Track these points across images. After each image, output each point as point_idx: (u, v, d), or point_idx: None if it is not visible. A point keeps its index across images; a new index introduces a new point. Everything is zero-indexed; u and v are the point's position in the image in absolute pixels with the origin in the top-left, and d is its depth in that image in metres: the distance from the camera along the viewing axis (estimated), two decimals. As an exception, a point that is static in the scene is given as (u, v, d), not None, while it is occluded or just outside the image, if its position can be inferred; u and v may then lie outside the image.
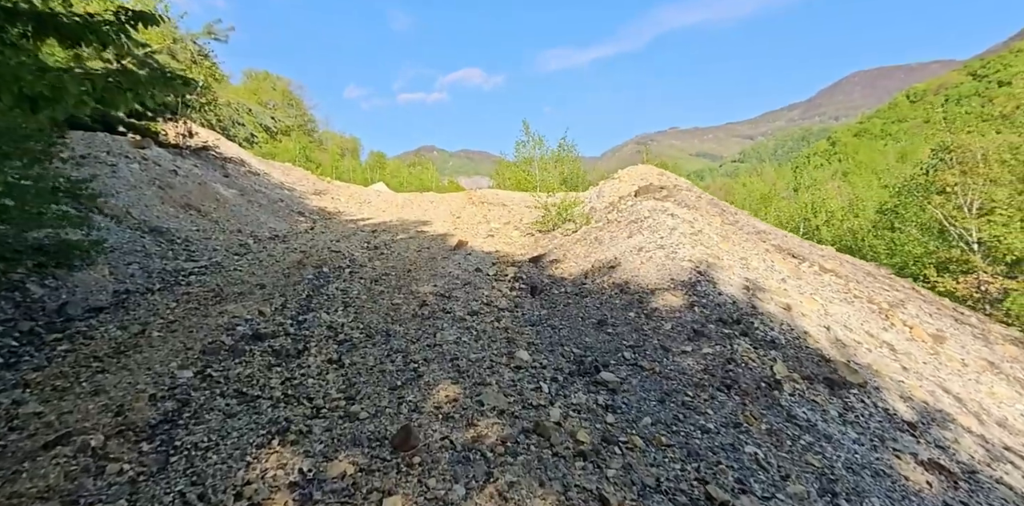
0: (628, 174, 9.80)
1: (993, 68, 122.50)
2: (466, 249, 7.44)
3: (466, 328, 3.86)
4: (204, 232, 7.45)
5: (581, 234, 6.16)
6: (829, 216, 16.28)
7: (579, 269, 4.96)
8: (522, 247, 7.54)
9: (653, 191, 6.13)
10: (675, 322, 3.49)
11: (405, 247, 7.77)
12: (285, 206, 11.17)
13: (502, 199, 16.18)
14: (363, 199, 15.26)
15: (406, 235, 9.10)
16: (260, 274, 5.77)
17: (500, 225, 10.30)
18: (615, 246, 5.14)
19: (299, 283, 5.37)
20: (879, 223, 16.16)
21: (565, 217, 8.72)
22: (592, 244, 5.52)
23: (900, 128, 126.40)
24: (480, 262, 6.46)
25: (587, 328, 3.60)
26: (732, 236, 5.06)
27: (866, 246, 16.21)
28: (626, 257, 4.76)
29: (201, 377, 2.91)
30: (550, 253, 5.91)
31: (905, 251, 13.17)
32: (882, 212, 15.65)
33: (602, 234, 5.65)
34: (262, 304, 4.47)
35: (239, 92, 42.15)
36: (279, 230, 9.18)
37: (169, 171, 8.44)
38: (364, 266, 6.45)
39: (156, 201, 7.48)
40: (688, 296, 3.83)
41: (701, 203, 5.90)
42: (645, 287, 4.12)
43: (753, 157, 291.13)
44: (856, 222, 15.82)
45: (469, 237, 8.65)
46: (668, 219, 5.24)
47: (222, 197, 9.21)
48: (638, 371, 2.87)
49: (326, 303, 4.68)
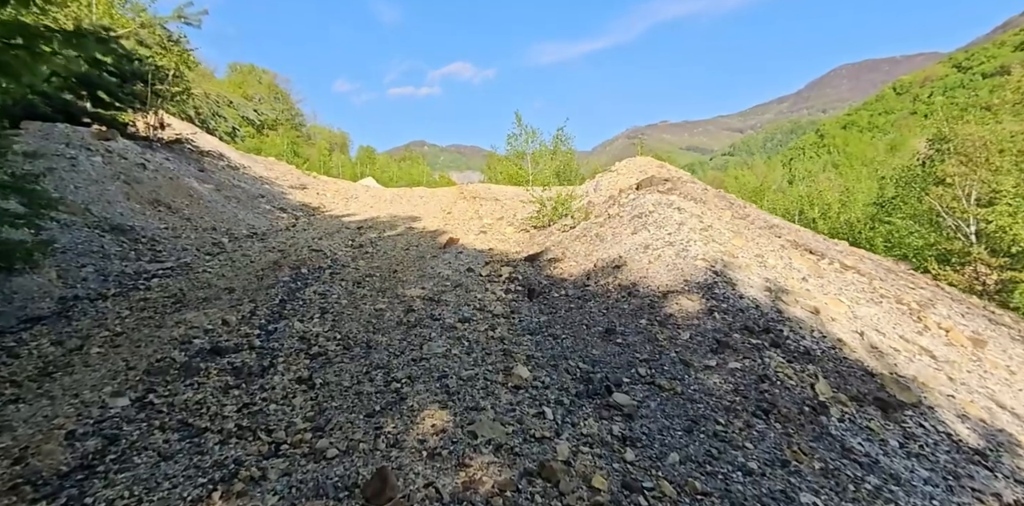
0: (626, 167, 9.39)
1: (977, 60, 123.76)
2: (457, 247, 6.98)
3: (457, 338, 3.41)
4: (173, 230, 6.91)
5: (580, 230, 5.73)
6: (826, 208, 16.03)
7: (580, 269, 4.54)
8: (517, 244, 7.10)
9: (656, 183, 5.71)
10: (694, 331, 3.07)
11: (392, 245, 7.29)
12: (266, 202, 10.60)
13: (494, 194, 15.70)
14: (350, 194, 14.69)
15: (394, 232, 8.61)
16: (231, 276, 5.27)
17: (493, 221, 9.84)
18: (619, 244, 4.71)
19: (273, 286, 4.88)
20: (876, 215, 15.94)
21: (561, 212, 8.28)
22: (593, 241, 5.09)
23: (887, 120, 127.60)
24: (472, 261, 6.00)
25: (593, 338, 3.17)
26: (744, 231, 4.66)
27: (863, 239, 16.01)
28: (632, 256, 4.34)
29: (139, 405, 2.44)
30: (548, 251, 5.47)
31: (906, 243, 12.95)
32: (879, 204, 15.42)
33: (603, 230, 5.22)
34: (228, 312, 3.98)
35: (224, 85, 41.09)
36: (258, 227, 8.64)
37: (136, 165, 7.85)
38: (347, 266, 5.97)
39: (120, 197, 6.91)
40: (705, 300, 3.41)
41: (708, 196, 5.50)
42: (656, 290, 3.70)
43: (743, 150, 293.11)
44: (853, 214, 15.59)
45: (460, 234, 8.18)
46: (675, 213, 4.82)
47: (196, 192, 8.64)
48: (656, 391, 2.46)
49: (301, 309, 4.21)
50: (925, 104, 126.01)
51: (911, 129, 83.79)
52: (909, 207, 14.43)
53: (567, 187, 9.78)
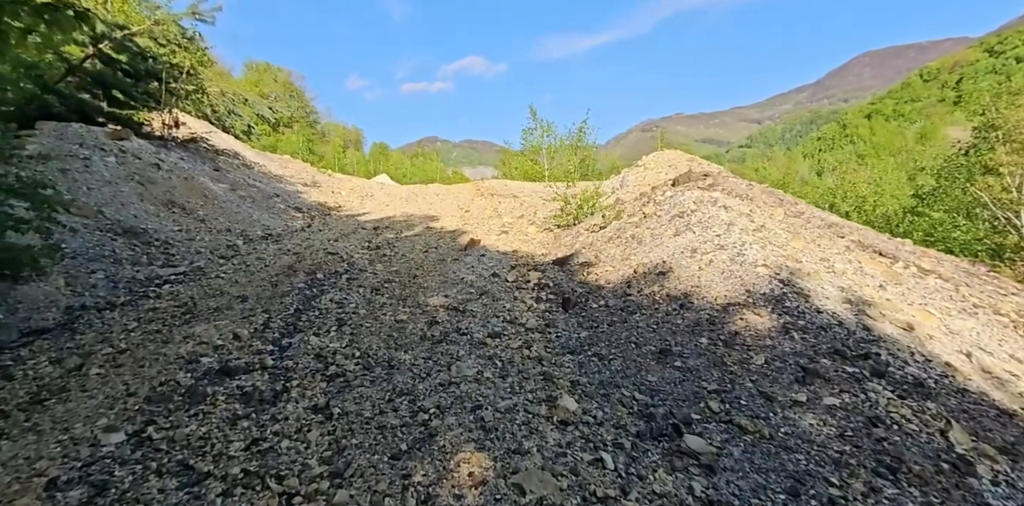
0: (654, 161, 8.91)
1: (1011, 44, 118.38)
2: (479, 248, 6.64)
3: (488, 358, 3.06)
4: (187, 232, 6.70)
5: (613, 231, 5.32)
6: (860, 201, 15.25)
7: (619, 275, 4.15)
8: (542, 245, 6.72)
9: (695, 179, 5.28)
10: (769, 354, 2.67)
11: (410, 247, 6.98)
12: (281, 201, 10.40)
13: (512, 190, 15.31)
14: (365, 192, 14.47)
15: (411, 232, 8.30)
16: (244, 283, 5.01)
17: (513, 219, 9.47)
18: (660, 247, 4.30)
19: (288, 294, 4.60)
20: (915, 208, 15.12)
21: (587, 210, 7.86)
22: (629, 244, 4.69)
23: (913, 108, 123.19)
24: (497, 265, 5.65)
25: (646, 360, 2.79)
26: (802, 231, 4.21)
27: (900, 233, 15.23)
28: (677, 261, 3.93)
29: (136, 442, 2.14)
30: (578, 254, 5.09)
31: (952, 238, 12.20)
32: (919, 196, 14.60)
33: (640, 231, 4.81)
34: (240, 324, 3.70)
35: (240, 84, 41.36)
36: (273, 228, 8.42)
37: (151, 165, 7.67)
38: (364, 271, 5.67)
39: (134, 198, 6.72)
40: (777, 315, 3.00)
41: (755, 192, 5.04)
42: (712, 301, 3.30)
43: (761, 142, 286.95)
44: (890, 207, 14.79)
45: (481, 234, 7.83)
46: (721, 212, 4.39)
47: (211, 192, 8.45)
48: (737, 434, 2.07)
49: (317, 321, 3.91)
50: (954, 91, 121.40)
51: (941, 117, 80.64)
52: (951, 199, 13.63)
53: (591, 183, 9.33)
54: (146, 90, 8.56)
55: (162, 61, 8.52)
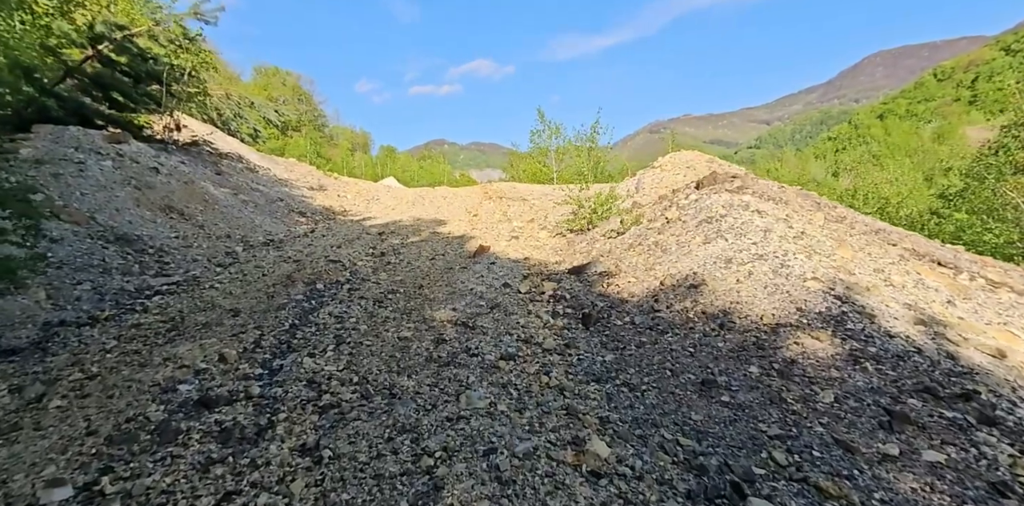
0: (671, 162, 8.51)
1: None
2: (488, 255, 6.28)
3: (502, 385, 2.69)
4: (184, 239, 6.42)
5: (633, 237, 4.94)
6: (882, 203, 14.68)
7: (643, 288, 3.77)
8: (555, 252, 6.34)
9: (722, 181, 4.88)
10: (839, 389, 2.26)
11: (416, 254, 6.64)
12: (284, 206, 10.13)
13: (521, 193, 14.96)
14: (371, 196, 14.19)
15: (418, 238, 7.97)
16: (239, 294, 4.69)
17: (523, 224, 9.11)
18: (688, 256, 3.91)
19: (283, 307, 4.27)
20: (940, 209, 14.53)
21: (602, 214, 7.48)
22: (653, 252, 4.30)
23: (927, 108, 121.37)
24: (508, 273, 5.29)
25: (687, 393, 2.39)
26: (848, 238, 3.79)
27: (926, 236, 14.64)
28: (710, 272, 3.54)
29: (85, 498, 1.80)
30: (596, 262, 4.71)
31: (983, 241, 11.64)
32: (946, 197, 14.02)
33: (664, 238, 4.43)
34: (228, 342, 3.37)
35: (249, 88, 41.59)
36: (275, 234, 8.13)
37: (149, 169, 7.42)
38: (367, 280, 5.34)
39: (129, 204, 6.46)
40: (840, 340, 2.59)
41: (789, 195, 4.63)
42: (758, 321, 2.90)
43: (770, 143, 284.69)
44: (915, 208, 14.23)
45: (490, 240, 7.48)
46: (755, 217, 4.00)
47: (212, 197, 8.18)
48: (817, 499, 1.67)
49: (313, 338, 3.56)
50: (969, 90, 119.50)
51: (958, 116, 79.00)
52: (981, 200, 13.06)
53: (605, 185, 8.94)
54: (146, 92, 8.33)
55: (163, 62, 8.30)
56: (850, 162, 21.51)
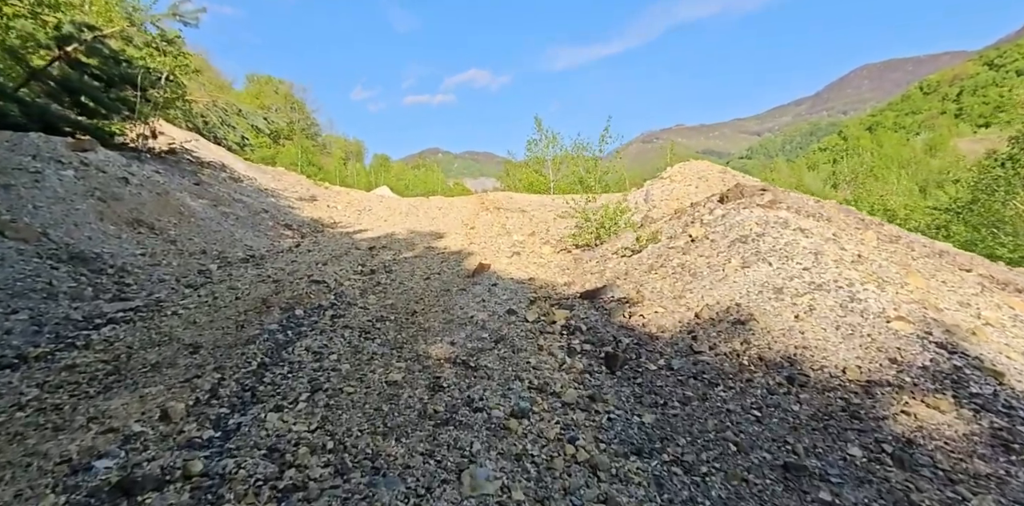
0: (681, 172, 8.04)
1: (1011, 57, 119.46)
2: (489, 274, 5.71)
3: (515, 458, 2.11)
4: (152, 256, 5.79)
5: (652, 257, 4.41)
6: (888, 215, 14.35)
7: (674, 320, 3.22)
8: (562, 271, 5.79)
9: (750, 194, 4.38)
10: (1001, 497, 1.68)
11: (410, 272, 6.06)
12: (269, 217, 9.51)
13: (518, 203, 14.47)
14: (363, 206, 13.62)
15: (411, 253, 7.40)
16: (204, 322, 4.07)
17: (524, 237, 8.57)
18: (725, 282, 3.38)
19: (253, 340, 3.66)
20: (948, 222, 14.21)
21: (611, 229, 6.95)
22: (679, 276, 3.77)
23: (915, 120, 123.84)
24: (512, 297, 4.72)
25: (765, 481, 1.81)
26: (912, 263, 3.28)
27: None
28: (758, 304, 3.00)
29: None
30: (612, 286, 4.16)
31: (996, 256, 11.27)
32: (953, 210, 13.71)
33: (691, 260, 3.90)
34: (177, 391, 2.76)
35: (241, 96, 41.14)
36: (256, 248, 7.52)
37: (117, 179, 6.81)
38: (353, 304, 4.74)
39: (91, 217, 5.83)
40: (970, 412, 1.97)
41: (829, 210, 4.13)
42: (838, 374, 2.34)
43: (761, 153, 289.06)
44: (923, 221, 13.90)
45: (490, 256, 6.92)
46: (799, 237, 3.48)
47: (188, 209, 7.57)
48: None
49: (284, 384, 2.96)
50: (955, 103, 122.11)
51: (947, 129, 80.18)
52: (991, 212, 12.75)
53: (611, 195, 8.44)
54: (119, 97, 7.75)
55: (138, 66, 7.73)
56: (849, 173, 21.31)
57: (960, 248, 13.71)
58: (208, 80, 47.60)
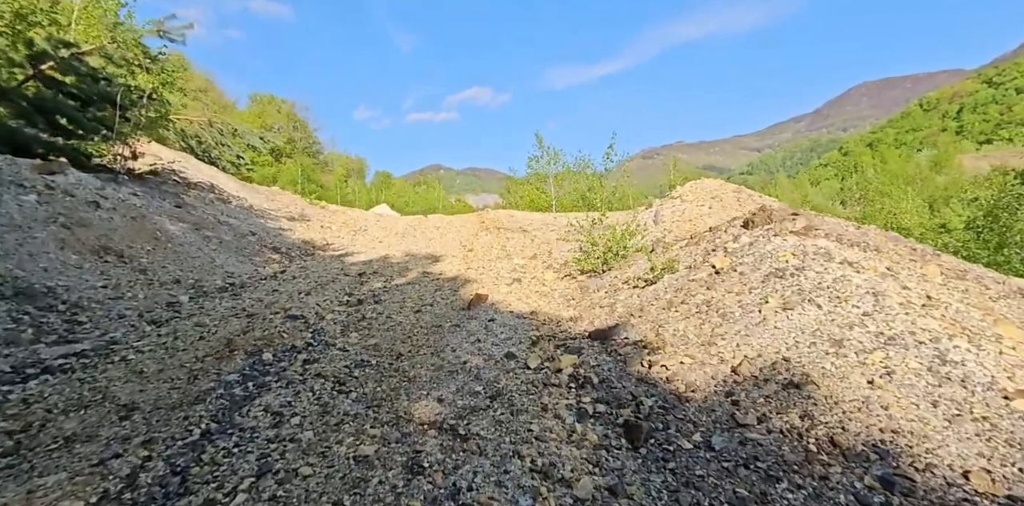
0: (692, 192, 7.53)
1: (1010, 75, 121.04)
2: (486, 306, 5.14)
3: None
4: (115, 288, 5.25)
5: (670, 291, 3.85)
6: (903, 234, 13.78)
7: (706, 376, 2.63)
8: (566, 302, 5.22)
9: (780, 219, 3.83)
10: None
11: (400, 303, 5.51)
12: (257, 241, 9.02)
13: (519, 222, 13.97)
14: (359, 226, 13.15)
15: (404, 279, 6.85)
16: (152, 372, 3.50)
17: (525, 261, 8.02)
18: (764, 327, 2.80)
19: (205, 396, 3.09)
20: (967, 242, 13.62)
21: (618, 252, 6.41)
22: (705, 316, 3.20)
23: (915, 137, 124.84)
24: (511, 336, 4.14)
25: None
26: (994, 306, 2.72)
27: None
28: (813, 361, 2.42)
29: None
30: (625, 325, 3.60)
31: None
32: (974, 229, 13.15)
33: (718, 296, 3.34)
34: (81, 482, 2.18)
35: (244, 116, 41.44)
36: (238, 275, 6.99)
37: (87, 203, 6.33)
38: (332, 345, 4.17)
39: (50, 247, 5.33)
40: None
41: (875, 238, 3.57)
42: (957, 482, 1.75)
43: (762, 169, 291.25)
44: (941, 240, 13.32)
45: (489, 282, 6.36)
46: (848, 273, 2.93)
47: (166, 234, 7.08)
48: None
49: (225, 464, 2.37)
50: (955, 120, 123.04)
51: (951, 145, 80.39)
52: (1016, 231, 12.19)
53: (618, 214, 7.93)
54: (96, 117, 7.36)
55: (118, 83, 7.36)
56: (857, 190, 20.76)
57: (983, 266, 13.06)
58: (212, 100, 48.21)
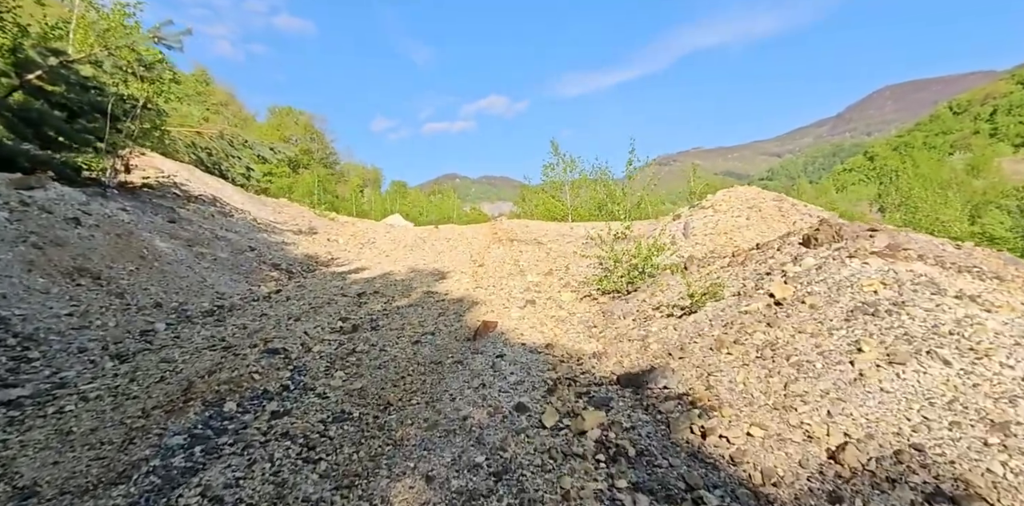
0: (727, 201, 6.74)
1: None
2: (495, 337, 4.44)
3: None
4: (83, 316, 4.71)
5: (714, 322, 3.10)
6: (954, 243, 12.67)
7: (790, 461, 1.86)
8: (587, 330, 4.49)
9: (853, 236, 3.08)
10: None
11: (399, 330, 4.85)
12: (256, 257, 8.51)
13: (534, 233, 13.26)
14: (367, 238, 12.62)
15: (406, 301, 6.20)
16: (81, 433, 2.88)
17: (540, 277, 7.30)
18: (864, 390, 2.00)
19: (132, 471, 2.44)
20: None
21: (644, 270, 5.66)
22: (770, 363, 2.44)
23: (945, 140, 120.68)
24: (523, 378, 3.43)
25: None
26: None
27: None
28: (969, 458, 1.64)
29: None
30: (664, 369, 2.86)
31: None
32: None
33: (782, 336, 2.59)
34: None
35: (263, 128, 42.01)
36: (229, 296, 6.44)
37: (66, 220, 5.87)
38: (311, 389, 3.52)
39: (16, 269, 4.83)
40: None
41: (989, 261, 2.81)
42: None
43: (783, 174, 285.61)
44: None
45: (499, 306, 5.66)
46: (974, 311, 2.16)
47: (154, 251, 6.59)
48: None
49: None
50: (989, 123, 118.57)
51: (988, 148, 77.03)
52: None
53: (639, 224, 7.17)
54: (86, 128, 6.96)
55: (109, 92, 6.97)
56: (897, 195, 19.43)
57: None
58: (233, 113, 49.08)
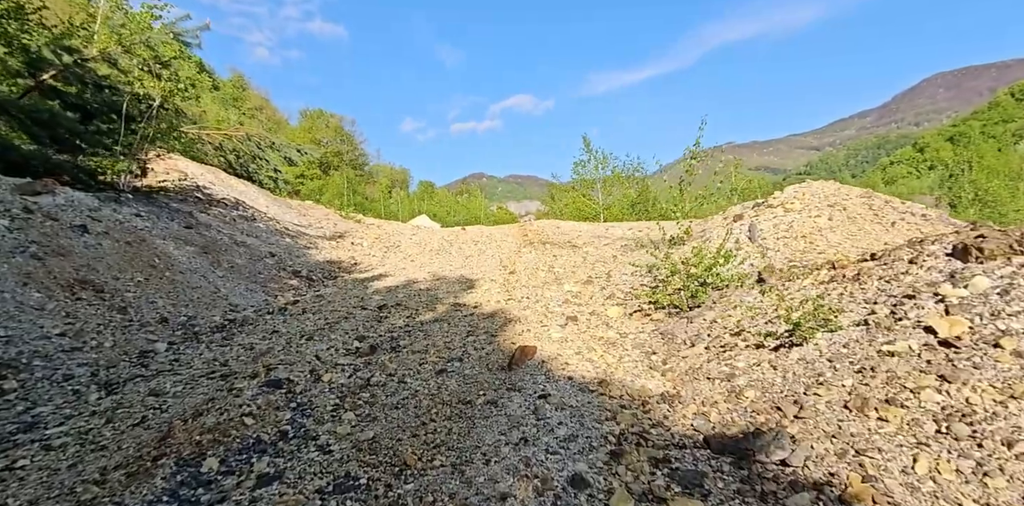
0: (800, 198, 5.77)
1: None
2: (535, 365, 3.70)
3: None
4: (77, 336, 4.26)
5: (840, 366, 2.28)
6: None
7: None
8: (647, 359, 3.70)
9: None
10: None
11: (420, 356, 4.18)
12: (275, 263, 8.07)
13: (567, 234, 12.45)
14: (392, 241, 12.12)
15: (431, 315, 5.55)
16: (30, 499, 2.32)
17: (579, 287, 6.52)
18: None
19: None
20: None
21: (707, 281, 4.81)
22: (963, 443, 1.62)
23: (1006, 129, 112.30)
24: (576, 433, 2.68)
25: None
26: None
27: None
28: None
29: None
30: (780, 436, 2.07)
31: None
32: None
33: (973, 397, 1.75)
34: None
35: (295, 131, 42.71)
36: (243, 308, 5.96)
37: (71, 228, 5.50)
38: (312, 438, 2.87)
39: (10, 283, 4.42)
40: None
41: None
42: None
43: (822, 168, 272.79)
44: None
45: (535, 323, 4.92)
46: None
47: (166, 259, 6.18)
48: None
49: None
50: None
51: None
52: None
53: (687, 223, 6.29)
54: (100, 129, 6.62)
55: (124, 92, 6.62)
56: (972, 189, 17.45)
57: None
58: (267, 117, 49.98)
